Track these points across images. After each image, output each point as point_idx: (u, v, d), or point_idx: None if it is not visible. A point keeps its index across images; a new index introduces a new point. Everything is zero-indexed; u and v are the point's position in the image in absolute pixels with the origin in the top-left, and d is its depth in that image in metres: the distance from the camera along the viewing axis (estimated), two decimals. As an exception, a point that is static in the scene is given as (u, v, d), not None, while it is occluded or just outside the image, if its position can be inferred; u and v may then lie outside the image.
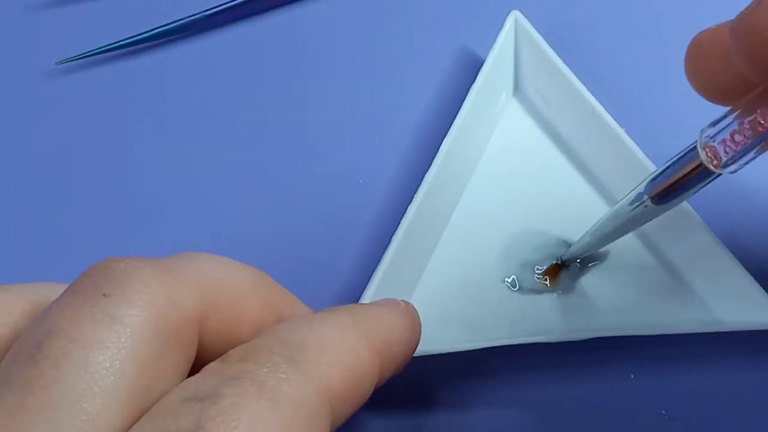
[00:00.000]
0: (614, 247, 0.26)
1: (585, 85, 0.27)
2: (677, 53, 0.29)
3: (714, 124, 0.18)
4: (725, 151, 0.18)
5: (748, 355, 0.25)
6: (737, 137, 0.18)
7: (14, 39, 0.32)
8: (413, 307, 0.20)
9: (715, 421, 0.25)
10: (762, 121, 0.17)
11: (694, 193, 0.20)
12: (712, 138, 0.18)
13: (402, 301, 0.20)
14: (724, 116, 0.18)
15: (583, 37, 0.30)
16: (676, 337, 0.24)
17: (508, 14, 0.27)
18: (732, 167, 0.18)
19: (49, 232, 0.28)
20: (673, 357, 0.26)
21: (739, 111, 0.18)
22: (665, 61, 0.30)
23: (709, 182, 0.19)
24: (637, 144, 0.26)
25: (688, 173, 0.19)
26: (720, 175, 0.19)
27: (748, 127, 0.17)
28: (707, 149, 0.18)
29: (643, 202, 0.21)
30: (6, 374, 0.13)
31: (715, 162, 0.18)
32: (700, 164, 0.19)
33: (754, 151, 0.18)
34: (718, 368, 0.25)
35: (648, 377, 0.25)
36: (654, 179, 0.21)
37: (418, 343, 0.20)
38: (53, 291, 0.15)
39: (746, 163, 0.18)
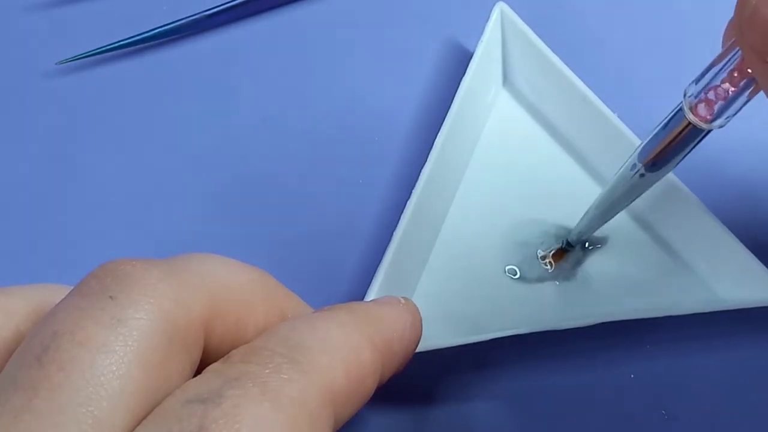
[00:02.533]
0: (613, 231, 0.26)
1: (574, 71, 0.27)
2: (665, 38, 0.30)
3: (697, 80, 0.19)
4: (713, 103, 0.18)
5: (749, 339, 0.26)
6: (724, 87, 0.18)
7: (14, 39, 0.32)
8: (413, 303, 0.20)
9: (715, 421, 0.25)
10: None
11: (686, 154, 0.20)
12: (696, 96, 0.19)
13: (402, 297, 0.20)
14: (707, 70, 0.19)
15: (570, 24, 0.31)
16: (678, 326, 0.24)
17: (494, 6, 0.28)
18: (718, 121, 0.19)
19: (49, 233, 0.28)
20: (673, 356, 0.26)
21: (723, 62, 0.18)
22: (653, 46, 0.30)
23: (699, 142, 0.20)
24: (629, 128, 0.26)
25: (678, 135, 0.20)
26: (709, 132, 0.19)
27: (736, 73, 0.18)
28: (693, 108, 0.19)
29: (638, 171, 0.21)
30: (12, 376, 0.13)
31: (707, 117, 0.19)
32: (689, 124, 0.19)
33: (745, 95, 0.18)
34: (719, 366, 0.25)
35: (648, 377, 0.25)
36: (644, 147, 0.21)
37: (419, 340, 0.20)
38: (55, 292, 0.15)
39: (732, 115, 0.19)
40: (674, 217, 0.26)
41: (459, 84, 0.27)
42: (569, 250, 0.26)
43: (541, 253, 0.26)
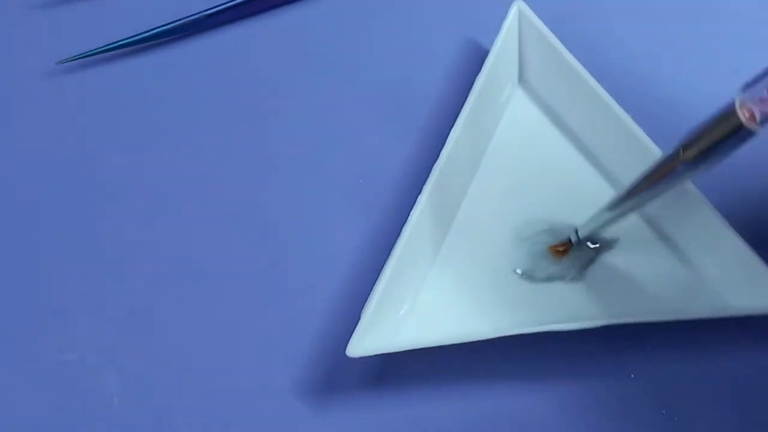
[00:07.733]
0: (624, 234, 0.26)
1: (589, 72, 0.27)
2: (681, 41, 0.30)
3: (751, 85, 0.19)
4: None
5: (752, 345, 0.26)
6: None
7: (14, 39, 0.32)
8: None
9: (714, 421, 0.25)
10: None
11: (728, 153, 0.20)
12: (751, 98, 0.18)
13: None
14: (764, 74, 0.18)
15: (587, 24, 0.30)
16: (679, 328, 0.24)
17: (511, 4, 0.28)
18: None
19: (48, 232, 0.28)
20: (673, 357, 0.26)
21: None
22: (669, 49, 0.30)
23: (743, 143, 0.19)
24: (642, 129, 0.26)
25: (726, 134, 0.19)
26: (753, 134, 0.19)
27: None
28: (745, 108, 0.19)
29: (675, 162, 0.21)
30: None
31: (755, 120, 0.18)
32: (738, 124, 0.19)
33: None
34: (720, 367, 0.25)
35: (648, 377, 0.25)
36: (687, 144, 0.20)
37: None
38: None
39: None
40: (686, 222, 0.26)
41: (474, 81, 0.27)
42: (575, 244, 0.26)
43: (548, 244, 0.26)
